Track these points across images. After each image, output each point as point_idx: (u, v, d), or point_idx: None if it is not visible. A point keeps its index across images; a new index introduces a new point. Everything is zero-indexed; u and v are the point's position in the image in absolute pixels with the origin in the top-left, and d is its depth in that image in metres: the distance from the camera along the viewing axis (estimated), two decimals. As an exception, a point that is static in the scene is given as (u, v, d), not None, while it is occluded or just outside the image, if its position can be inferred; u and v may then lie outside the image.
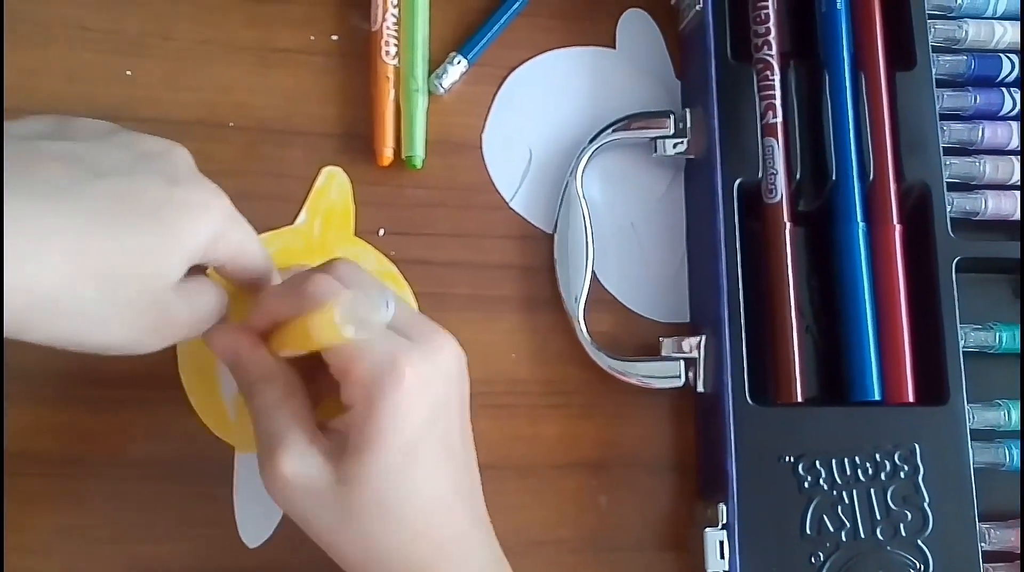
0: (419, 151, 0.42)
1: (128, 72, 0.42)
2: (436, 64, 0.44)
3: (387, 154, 0.42)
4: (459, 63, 0.43)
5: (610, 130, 0.43)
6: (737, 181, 0.41)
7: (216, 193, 0.32)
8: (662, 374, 0.41)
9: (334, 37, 0.44)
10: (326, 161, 0.43)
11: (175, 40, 0.43)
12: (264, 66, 0.43)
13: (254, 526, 0.38)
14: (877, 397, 0.41)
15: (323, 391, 0.34)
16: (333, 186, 0.42)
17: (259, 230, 0.35)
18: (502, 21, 0.44)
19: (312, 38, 0.44)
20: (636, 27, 0.46)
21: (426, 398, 0.31)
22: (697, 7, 0.43)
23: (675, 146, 0.43)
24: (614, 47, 0.45)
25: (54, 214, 0.27)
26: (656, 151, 0.43)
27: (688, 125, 0.43)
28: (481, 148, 0.44)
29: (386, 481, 0.30)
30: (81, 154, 0.29)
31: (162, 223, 0.30)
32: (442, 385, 0.32)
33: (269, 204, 0.42)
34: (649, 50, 0.46)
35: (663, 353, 0.41)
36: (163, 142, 0.32)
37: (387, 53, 0.43)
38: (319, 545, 0.32)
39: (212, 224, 0.31)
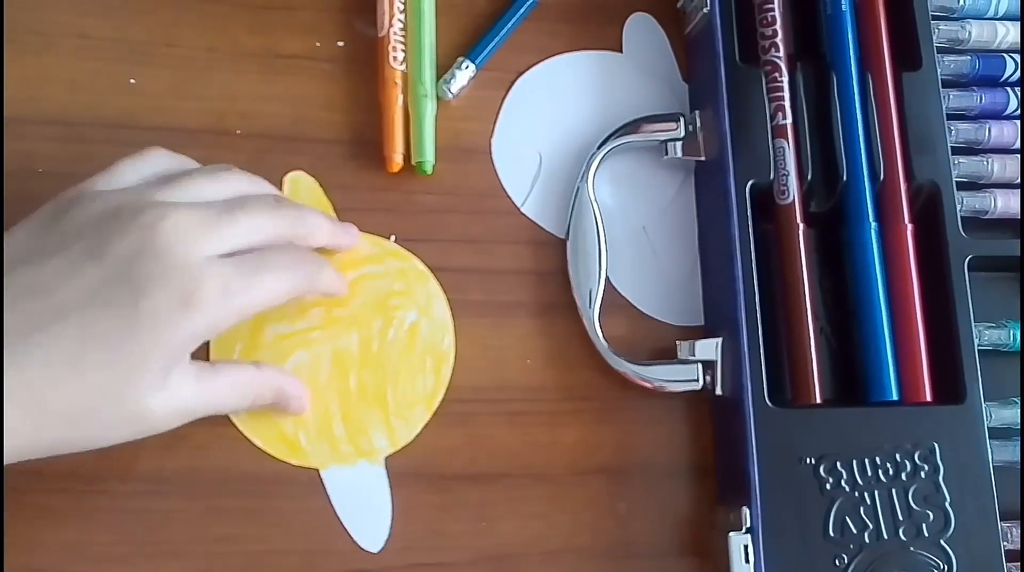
0: (429, 157, 0.42)
1: (132, 80, 0.42)
2: (444, 69, 0.44)
3: (397, 160, 0.42)
4: (467, 68, 0.43)
5: (620, 134, 0.43)
6: (749, 183, 0.41)
7: (200, 276, 0.31)
8: (680, 377, 0.41)
9: (340, 43, 0.44)
10: (334, 167, 0.42)
11: (180, 47, 0.43)
12: (270, 73, 0.43)
13: (371, 532, 0.38)
14: (895, 397, 0.40)
15: None
16: (301, 191, 0.42)
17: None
18: (509, 25, 0.44)
19: (318, 44, 0.44)
20: (642, 31, 0.46)
21: None
22: (704, 10, 0.43)
23: (685, 149, 0.43)
24: (621, 51, 0.45)
25: (14, 367, 0.29)
26: (667, 154, 0.43)
27: (698, 128, 0.43)
28: (491, 153, 0.44)
29: None
30: (47, 284, 0.30)
31: (128, 351, 0.30)
32: None
33: (278, 212, 0.41)
34: (655, 54, 0.46)
35: (680, 356, 0.41)
36: (151, 215, 0.32)
37: (394, 58, 0.42)
38: None
39: (194, 324, 0.31)
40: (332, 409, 0.39)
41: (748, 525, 0.37)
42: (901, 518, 0.38)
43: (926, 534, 0.38)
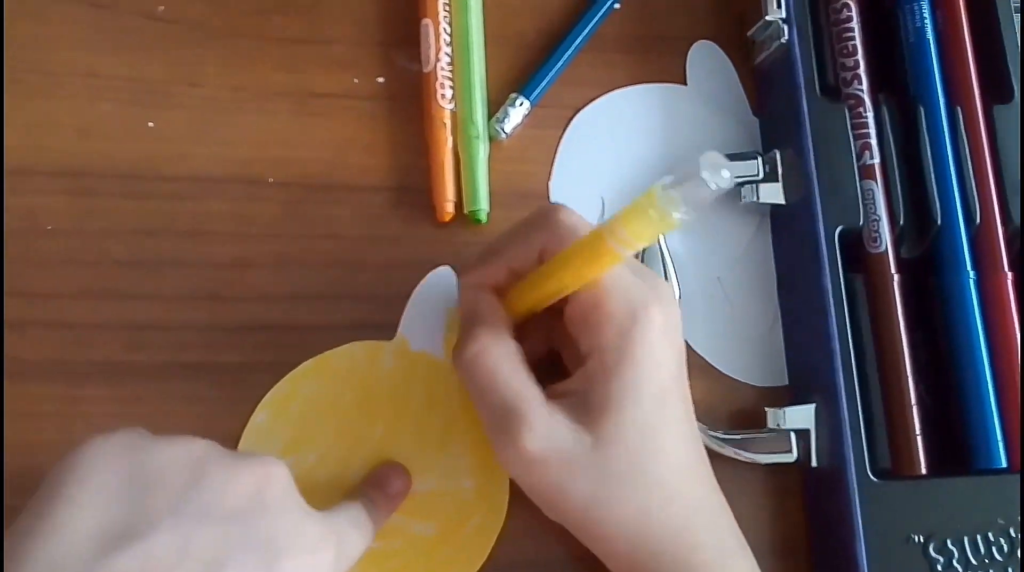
0: (484, 205, 0.38)
1: (150, 124, 0.37)
2: (494, 106, 0.39)
3: (448, 209, 0.38)
4: (521, 105, 0.39)
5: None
6: (838, 229, 0.37)
7: (324, 534, 0.28)
8: (773, 449, 0.37)
9: (380, 79, 0.39)
10: (378, 218, 0.38)
11: (202, 87, 0.38)
12: (304, 114, 0.38)
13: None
14: (1003, 464, 0.37)
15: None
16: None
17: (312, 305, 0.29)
18: (565, 57, 0.40)
19: (355, 81, 0.39)
20: (706, 61, 0.42)
21: (673, 341, 0.31)
22: (781, 40, 0.39)
23: (763, 192, 0.39)
24: (684, 83, 0.41)
25: None
26: (743, 198, 0.39)
27: (778, 168, 0.39)
28: (548, 197, 0.39)
29: (642, 437, 0.29)
30: (162, 560, 0.24)
31: None
32: (679, 331, 0.31)
33: (320, 271, 0.37)
34: (722, 85, 0.42)
35: (769, 424, 0.37)
36: (250, 480, 0.27)
37: (442, 96, 0.38)
38: (562, 518, 0.31)
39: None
40: None
41: (861, 616, 0.33)
42: (1021, 602, 0.34)
43: (1049, 619, 0.34)
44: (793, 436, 0.37)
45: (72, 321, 0.35)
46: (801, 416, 0.37)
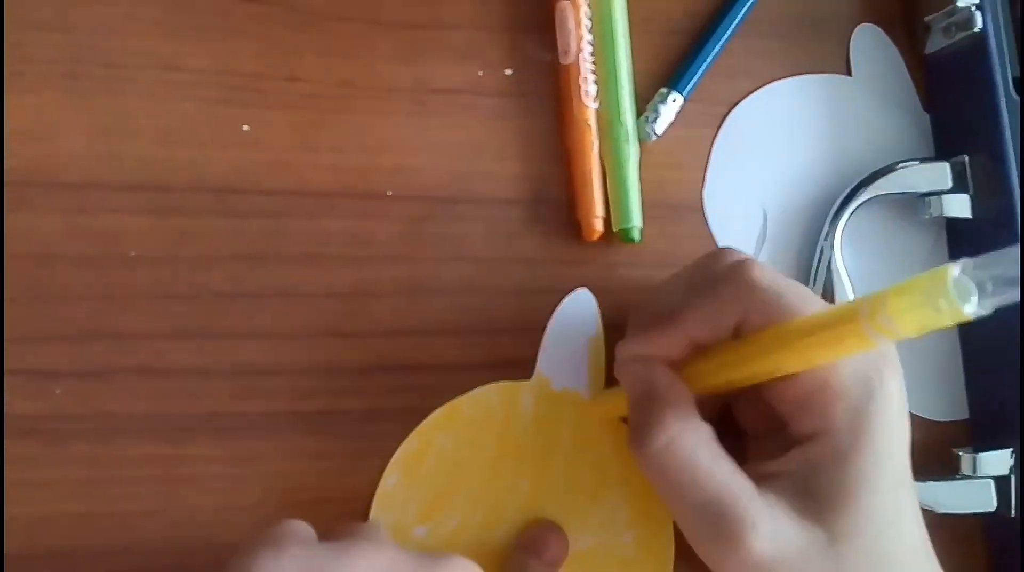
0: (637, 220, 0.33)
1: (245, 127, 0.31)
2: (639, 104, 0.34)
3: (598, 226, 0.32)
4: (674, 101, 0.34)
5: (869, 183, 0.34)
6: (1037, 245, 0.32)
7: None
8: (971, 499, 0.32)
9: (508, 71, 0.34)
10: (513, 236, 0.33)
11: (303, 82, 0.32)
12: (422, 114, 0.33)
13: None
14: None
15: None
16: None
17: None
18: (719, 45, 0.34)
19: (480, 74, 0.33)
20: (871, 47, 0.37)
21: (905, 410, 0.27)
22: (974, 29, 0.34)
23: (952, 205, 0.34)
24: (848, 73, 0.36)
25: None
26: (930, 212, 0.34)
27: (968, 178, 0.34)
28: (703, 209, 0.34)
29: (881, 527, 0.25)
30: None
31: None
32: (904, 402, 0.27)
33: (450, 300, 0.32)
34: (889, 76, 0.37)
35: (963, 471, 0.33)
36: None
37: (586, 93, 0.33)
38: None
39: None
40: None
41: None
42: None
43: None
44: (993, 486, 0.32)
45: (168, 367, 0.30)
46: (998, 461, 0.33)
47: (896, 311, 0.21)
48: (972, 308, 0.20)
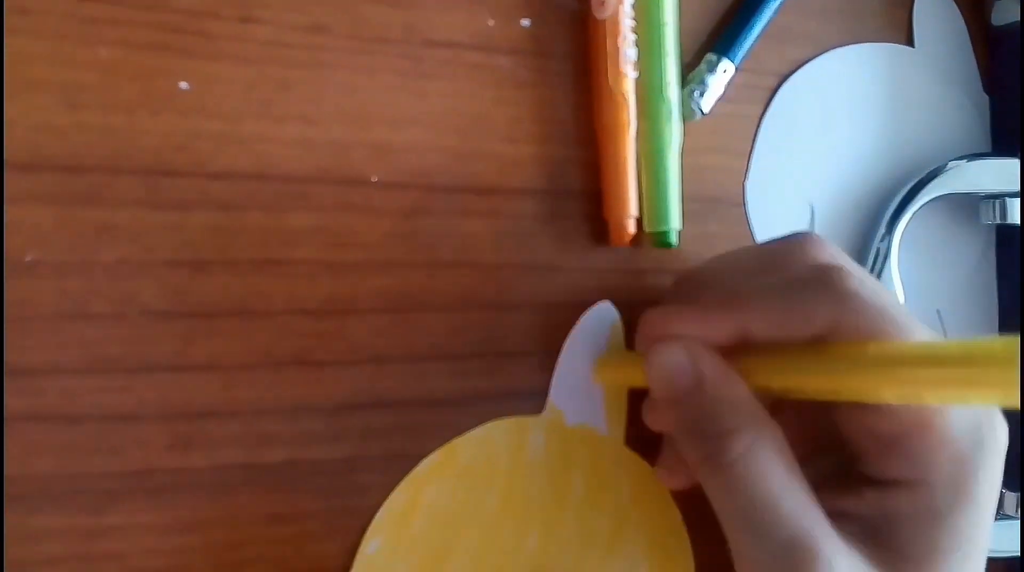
0: (677, 222, 0.27)
1: (183, 85, 0.23)
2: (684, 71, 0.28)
3: (631, 229, 0.26)
4: (725, 71, 0.27)
5: (930, 181, 0.29)
6: (1103, 262, 0.29)
7: None
8: (1013, 540, 0.29)
9: (525, 22, 0.27)
10: (525, 236, 0.26)
11: (261, 24, 0.24)
12: (416, 75, 0.25)
13: None
14: None
15: None
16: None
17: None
18: (774, 6, 0.28)
19: (491, 23, 0.26)
20: (936, 15, 0.31)
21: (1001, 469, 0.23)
22: (1065, 1, 0.29)
23: (1015, 210, 0.30)
24: (911, 43, 0.31)
25: None
26: (995, 216, 0.30)
27: (1037, 178, 0.30)
28: (744, 204, 0.29)
29: None
30: None
31: None
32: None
33: (447, 318, 0.25)
34: (952, 50, 0.31)
35: (1006, 509, 0.30)
36: None
37: (625, 58, 0.26)
38: None
39: None
40: None
41: None
42: None
43: None
44: (1037, 528, 0.30)
45: (85, 412, 0.22)
46: (1039, 501, 0.30)
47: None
48: None
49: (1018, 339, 0.18)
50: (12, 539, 0.22)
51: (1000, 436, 0.22)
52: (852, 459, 0.23)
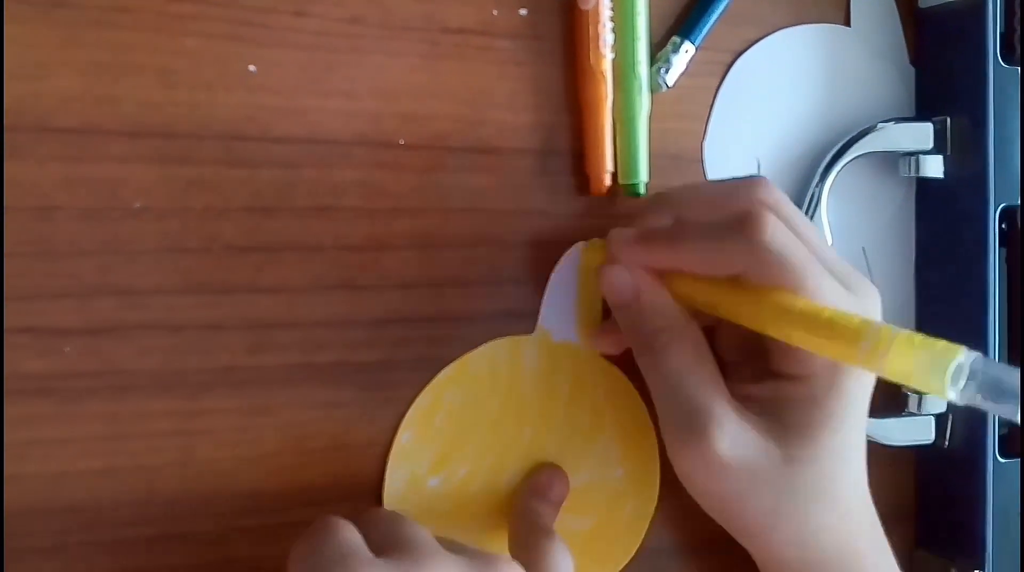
0: (644, 175, 0.33)
1: (252, 68, 0.30)
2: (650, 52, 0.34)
3: (607, 181, 0.33)
4: (687, 51, 0.33)
5: (858, 140, 0.36)
6: (999, 207, 0.35)
7: None
8: (911, 433, 0.37)
9: (522, 11, 0.33)
10: (522, 188, 0.33)
11: (310, 17, 0.30)
12: (436, 56, 0.31)
13: None
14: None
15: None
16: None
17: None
18: (731, -8, 0.34)
19: (495, 13, 0.32)
20: (869, -4, 0.37)
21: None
22: (975, -9, 0.34)
23: (928, 165, 0.36)
24: (847, 23, 0.37)
25: None
26: (911, 170, 0.36)
27: (948, 138, 0.36)
28: (702, 160, 0.35)
29: (835, 461, 0.29)
30: None
31: None
32: None
33: (461, 253, 0.32)
34: (884, 28, 0.37)
35: (910, 408, 0.37)
36: None
37: (604, 42, 0.32)
38: (733, 525, 0.31)
39: None
40: None
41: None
42: None
43: None
44: (933, 422, 0.37)
45: (182, 322, 0.29)
46: (940, 402, 0.37)
47: (895, 356, 0.23)
48: (954, 394, 0.22)
49: (869, 321, 0.24)
50: (132, 419, 0.29)
51: None
52: (766, 360, 0.30)
